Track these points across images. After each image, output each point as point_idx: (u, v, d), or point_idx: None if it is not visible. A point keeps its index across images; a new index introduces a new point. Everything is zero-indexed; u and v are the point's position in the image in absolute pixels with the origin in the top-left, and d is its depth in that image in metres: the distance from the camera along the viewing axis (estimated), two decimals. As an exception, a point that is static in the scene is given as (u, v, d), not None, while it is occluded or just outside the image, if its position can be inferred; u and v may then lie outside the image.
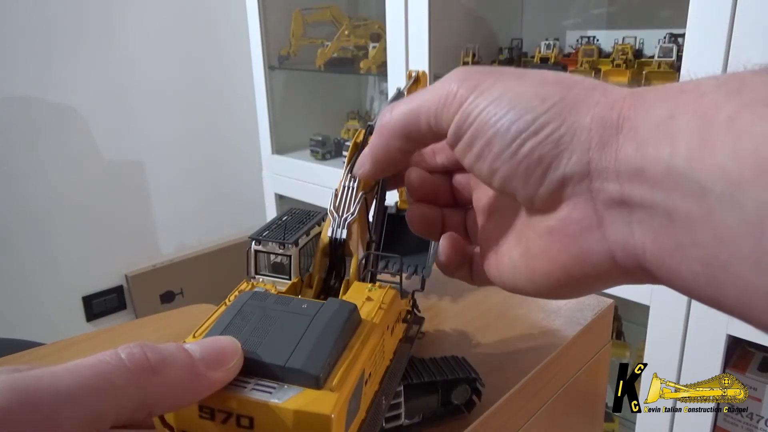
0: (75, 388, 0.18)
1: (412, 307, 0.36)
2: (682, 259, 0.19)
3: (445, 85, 0.25)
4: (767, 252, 0.16)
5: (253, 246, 0.33)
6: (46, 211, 1.45)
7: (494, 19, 1.34)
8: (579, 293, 0.25)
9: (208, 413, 0.22)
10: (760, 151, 0.16)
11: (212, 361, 0.21)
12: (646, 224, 0.20)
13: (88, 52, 1.45)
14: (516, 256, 0.26)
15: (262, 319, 0.24)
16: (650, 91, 0.21)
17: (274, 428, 0.21)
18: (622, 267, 0.22)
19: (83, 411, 0.18)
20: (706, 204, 0.18)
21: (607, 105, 0.21)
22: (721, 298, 0.19)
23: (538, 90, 0.23)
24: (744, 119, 0.17)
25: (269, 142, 1.63)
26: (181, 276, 1.72)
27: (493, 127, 0.23)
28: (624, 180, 0.20)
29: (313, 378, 0.22)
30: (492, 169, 0.23)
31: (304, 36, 1.56)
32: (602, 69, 1.03)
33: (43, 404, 0.17)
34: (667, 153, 0.19)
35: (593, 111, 0.21)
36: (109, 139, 1.53)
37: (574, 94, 0.22)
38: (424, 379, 0.33)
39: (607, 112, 0.21)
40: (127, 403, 0.19)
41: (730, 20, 0.77)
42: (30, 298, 1.46)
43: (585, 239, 0.22)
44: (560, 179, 0.22)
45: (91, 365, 0.19)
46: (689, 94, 0.19)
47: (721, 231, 0.17)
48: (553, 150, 0.22)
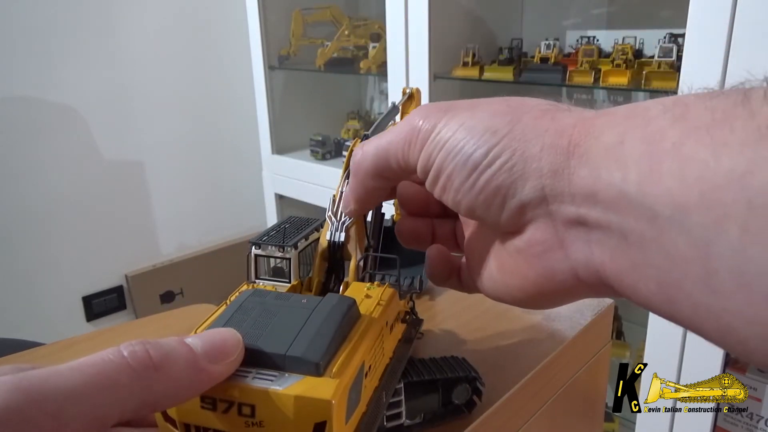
0: (79, 387, 0.18)
1: (411, 308, 0.36)
2: (639, 278, 0.20)
3: (409, 123, 0.26)
4: (715, 274, 0.17)
5: (253, 250, 0.33)
6: (46, 211, 1.45)
7: (494, 19, 1.34)
8: (552, 305, 0.26)
9: (210, 403, 0.22)
10: (704, 176, 0.17)
11: (214, 355, 0.22)
12: (603, 244, 0.21)
13: (88, 52, 1.45)
14: (494, 270, 0.27)
15: (263, 313, 0.25)
16: (600, 116, 0.22)
17: (276, 415, 0.22)
18: (587, 283, 0.23)
19: (88, 409, 0.18)
20: (657, 226, 0.18)
21: (556, 132, 0.22)
22: (677, 315, 0.19)
23: (489, 122, 0.24)
24: (688, 145, 0.18)
25: (269, 142, 1.63)
26: (181, 276, 1.72)
27: (452, 162, 0.24)
28: (579, 202, 0.21)
29: (313, 365, 0.22)
30: (456, 201, 0.25)
31: (304, 36, 1.56)
32: (602, 69, 1.03)
33: (48, 403, 0.18)
34: (619, 177, 0.20)
35: (543, 139, 0.22)
36: (109, 139, 1.53)
37: (523, 124, 0.23)
38: (425, 378, 0.33)
39: (557, 139, 0.22)
40: (131, 400, 0.19)
41: (730, 20, 0.77)
42: (30, 298, 1.46)
43: (549, 258, 0.23)
44: (518, 206, 0.23)
45: (95, 364, 0.19)
46: (637, 119, 0.20)
47: (672, 252, 0.18)
48: (507, 179, 0.23)
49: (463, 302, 0.50)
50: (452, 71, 1.22)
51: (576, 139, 0.21)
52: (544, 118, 0.23)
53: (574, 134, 0.22)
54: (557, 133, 0.22)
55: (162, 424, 0.23)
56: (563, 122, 0.22)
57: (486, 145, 0.23)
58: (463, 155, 0.24)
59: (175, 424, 0.23)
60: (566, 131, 0.22)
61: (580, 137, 0.21)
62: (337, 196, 0.34)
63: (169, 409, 0.23)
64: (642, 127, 0.20)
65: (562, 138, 0.22)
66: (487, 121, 0.24)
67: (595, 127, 0.21)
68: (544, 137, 0.22)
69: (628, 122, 0.20)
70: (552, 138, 0.22)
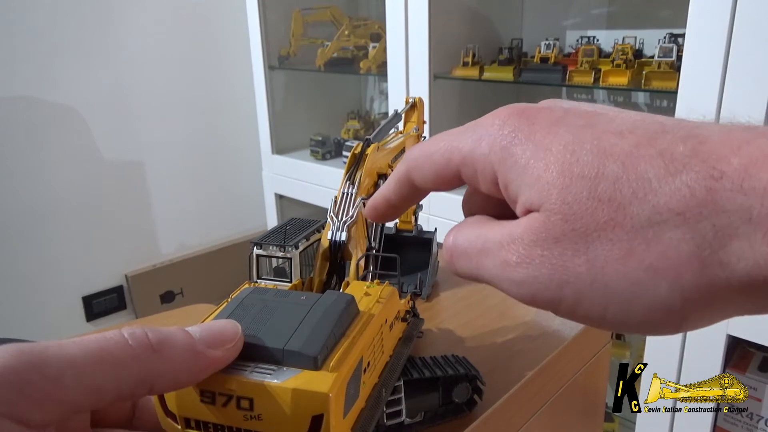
0: (80, 358, 0.19)
1: (411, 307, 0.36)
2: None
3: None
4: None
5: (255, 250, 0.33)
6: (46, 211, 1.45)
7: (494, 19, 1.34)
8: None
9: (209, 397, 0.22)
10: None
11: (212, 340, 0.22)
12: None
13: (88, 52, 1.45)
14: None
15: (263, 309, 0.25)
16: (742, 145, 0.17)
17: (274, 408, 0.22)
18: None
19: (86, 379, 0.19)
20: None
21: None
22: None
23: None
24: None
25: (269, 142, 1.63)
26: (181, 276, 1.72)
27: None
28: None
29: (311, 359, 0.22)
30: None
31: (304, 36, 1.56)
32: (602, 69, 1.03)
33: (49, 368, 0.19)
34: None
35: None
36: (109, 139, 1.53)
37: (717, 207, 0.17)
38: (425, 376, 0.33)
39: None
40: (128, 377, 0.20)
41: (730, 20, 0.77)
42: (30, 298, 1.46)
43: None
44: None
45: (96, 340, 0.20)
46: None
47: None
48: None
49: (463, 302, 0.50)
50: (452, 71, 1.22)
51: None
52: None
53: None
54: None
55: (163, 419, 0.24)
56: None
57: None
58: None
59: (176, 419, 0.23)
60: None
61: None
62: (338, 196, 0.34)
63: (169, 401, 0.23)
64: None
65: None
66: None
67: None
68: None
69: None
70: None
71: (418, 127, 0.50)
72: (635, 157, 0.19)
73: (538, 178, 0.20)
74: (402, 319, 0.34)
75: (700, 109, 0.83)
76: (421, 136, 0.51)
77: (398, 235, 0.54)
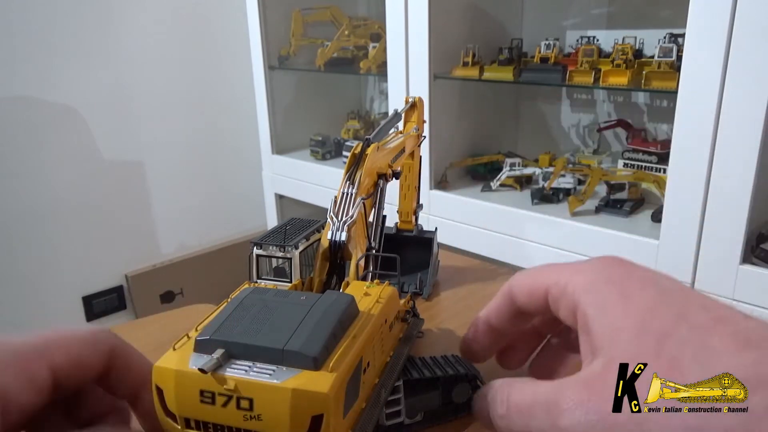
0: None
1: (411, 307, 0.36)
2: None
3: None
4: None
5: (255, 250, 0.33)
6: (46, 211, 1.45)
7: (494, 19, 1.34)
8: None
9: (209, 397, 0.22)
10: None
11: None
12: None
13: (88, 52, 1.45)
14: None
15: (262, 309, 0.25)
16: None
17: (273, 408, 0.22)
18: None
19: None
20: None
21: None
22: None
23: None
24: None
25: (269, 142, 1.63)
26: (181, 276, 1.72)
27: None
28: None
29: (310, 359, 0.22)
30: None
31: (304, 36, 1.56)
32: (602, 69, 1.03)
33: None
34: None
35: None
36: (109, 139, 1.53)
37: None
38: (425, 376, 0.33)
39: None
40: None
41: (730, 20, 0.77)
42: (30, 298, 1.46)
43: None
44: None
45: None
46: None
47: None
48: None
49: (463, 302, 0.50)
50: (452, 71, 1.22)
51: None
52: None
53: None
54: None
55: (162, 419, 0.24)
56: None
57: None
58: None
59: (176, 419, 0.23)
60: None
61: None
62: (338, 197, 0.34)
63: (168, 402, 0.23)
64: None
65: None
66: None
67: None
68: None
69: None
70: None
71: (418, 127, 0.50)
72: (710, 330, 0.20)
73: (614, 322, 0.21)
74: (402, 319, 0.34)
75: (700, 109, 0.83)
76: (421, 135, 0.51)
77: (398, 235, 0.54)
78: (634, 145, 1.15)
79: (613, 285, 0.23)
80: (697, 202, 0.86)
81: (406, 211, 0.54)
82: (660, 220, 0.92)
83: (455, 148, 1.31)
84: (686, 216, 0.88)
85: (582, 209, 1.09)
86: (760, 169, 0.80)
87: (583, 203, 1.09)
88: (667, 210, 0.90)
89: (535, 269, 0.28)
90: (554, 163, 1.20)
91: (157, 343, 0.29)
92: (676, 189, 0.89)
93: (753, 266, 0.84)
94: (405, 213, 0.54)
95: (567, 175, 1.15)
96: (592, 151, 1.29)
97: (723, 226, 0.84)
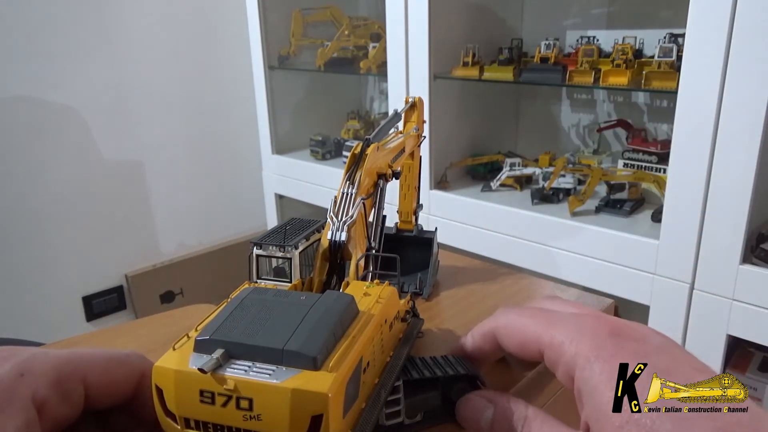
0: None
1: (411, 307, 0.36)
2: None
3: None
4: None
5: (255, 250, 0.33)
6: (46, 211, 1.45)
7: (494, 19, 1.34)
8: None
9: (209, 397, 0.22)
10: None
11: None
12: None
13: (88, 52, 1.45)
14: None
15: (262, 309, 0.25)
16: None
17: (273, 408, 0.22)
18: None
19: None
20: None
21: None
22: None
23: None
24: None
25: (269, 142, 1.63)
26: (181, 276, 1.72)
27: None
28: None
29: (310, 359, 0.22)
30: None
31: (304, 36, 1.56)
32: (602, 69, 1.03)
33: None
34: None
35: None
36: (109, 139, 1.53)
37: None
38: (425, 375, 0.33)
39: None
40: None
41: (730, 20, 0.77)
42: (30, 298, 1.46)
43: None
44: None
45: None
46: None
47: None
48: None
49: (463, 302, 0.50)
50: (452, 71, 1.22)
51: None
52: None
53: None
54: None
55: (162, 419, 0.24)
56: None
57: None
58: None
59: (175, 419, 0.23)
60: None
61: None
62: (338, 197, 0.34)
63: (168, 403, 0.23)
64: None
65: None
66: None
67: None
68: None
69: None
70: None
71: (418, 126, 0.50)
72: (693, 421, 0.21)
73: (604, 407, 0.23)
74: (402, 319, 0.34)
75: (700, 109, 0.83)
76: (421, 135, 0.51)
77: (398, 234, 0.54)
78: (634, 145, 1.15)
79: (605, 363, 0.24)
80: (697, 202, 0.86)
81: (406, 211, 0.54)
82: (660, 220, 0.92)
83: (455, 148, 1.31)
84: (686, 216, 0.88)
85: (582, 209, 1.09)
86: (760, 169, 0.80)
87: (583, 203, 1.09)
88: (667, 210, 0.90)
89: (519, 314, 0.29)
90: (554, 163, 1.20)
91: (157, 343, 0.29)
92: (676, 189, 0.89)
93: (753, 266, 0.84)
94: (405, 213, 0.54)
95: (567, 175, 1.15)
96: (592, 151, 1.29)
97: (723, 226, 0.84)
